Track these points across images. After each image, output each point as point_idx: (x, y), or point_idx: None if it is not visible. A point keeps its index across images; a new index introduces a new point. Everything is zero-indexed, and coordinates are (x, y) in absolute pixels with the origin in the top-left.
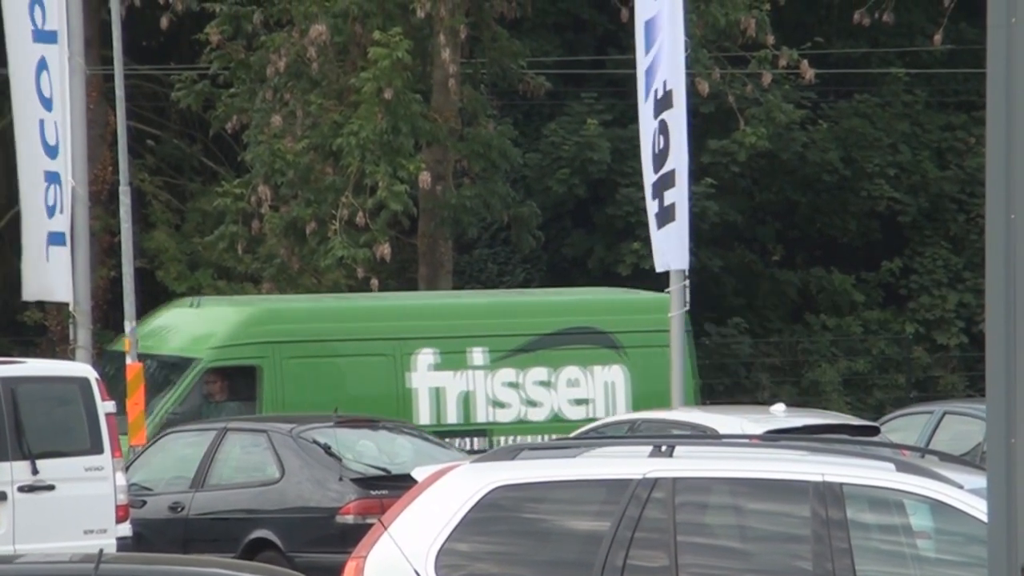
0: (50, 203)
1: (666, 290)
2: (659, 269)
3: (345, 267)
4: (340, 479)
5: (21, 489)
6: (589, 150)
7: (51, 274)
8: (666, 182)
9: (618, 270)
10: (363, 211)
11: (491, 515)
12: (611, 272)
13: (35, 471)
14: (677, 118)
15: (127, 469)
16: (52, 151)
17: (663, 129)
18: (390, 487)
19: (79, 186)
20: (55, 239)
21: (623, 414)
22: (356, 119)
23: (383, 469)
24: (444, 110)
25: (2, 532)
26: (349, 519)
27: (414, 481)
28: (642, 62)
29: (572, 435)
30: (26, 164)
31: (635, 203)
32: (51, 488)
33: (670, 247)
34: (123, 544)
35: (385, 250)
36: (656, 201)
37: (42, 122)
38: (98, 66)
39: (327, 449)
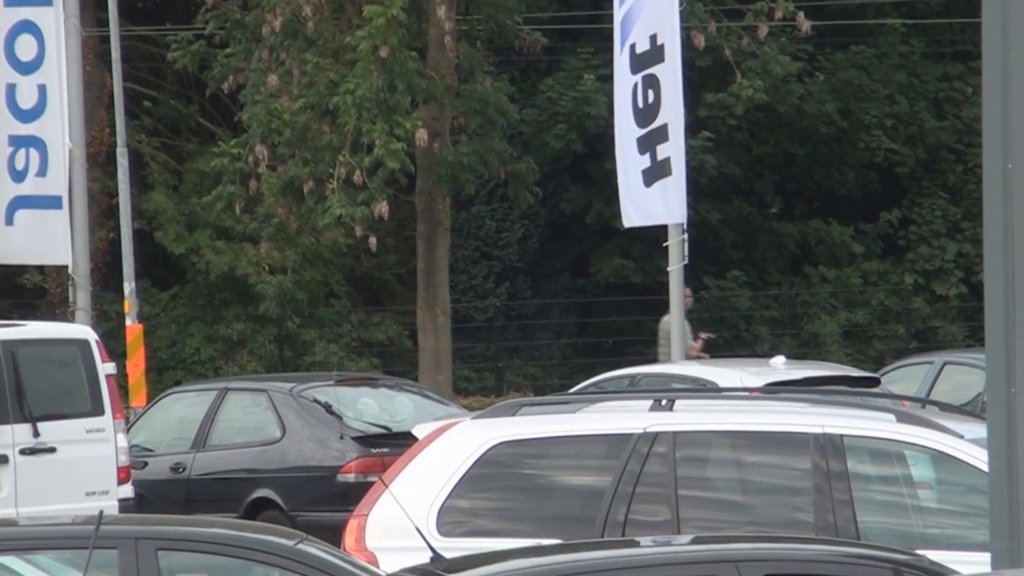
0: (19, 167)
1: (664, 244)
2: (627, 225)
3: (343, 225)
4: (341, 437)
5: (22, 452)
6: (586, 105)
7: (18, 237)
8: (658, 136)
9: (616, 224)
10: (360, 169)
11: (492, 471)
12: (609, 227)
13: (36, 433)
14: (670, 71)
15: (128, 431)
16: (27, 115)
17: (651, 83)
18: (391, 445)
19: (76, 148)
20: (30, 202)
21: (623, 369)
22: (352, 77)
23: (384, 427)
24: (440, 67)
25: (4, 495)
26: (350, 477)
27: (415, 438)
28: (616, 15)
29: (572, 390)
30: None
31: None
32: (52, 450)
33: (666, 201)
34: (125, 505)
35: (383, 208)
36: (647, 155)
37: (12, 86)
38: (94, 28)
39: (328, 408)
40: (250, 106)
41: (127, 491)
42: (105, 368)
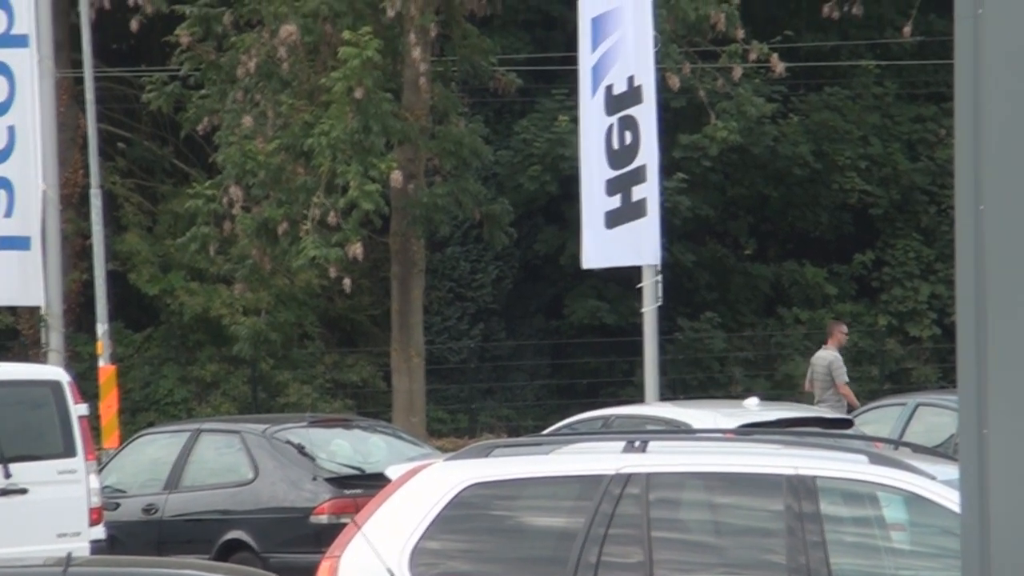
0: None
1: (639, 285)
2: (585, 266)
3: (317, 267)
4: (314, 479)
5: None
6: (560, 147)
7: None
8: (634, 178)
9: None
10: (335, 211)
11: (465, 513)
12: (583, 269)
13: (8, 474)
14: (647, 113)
15: (100, 471)
16: (1, 155)
17: (628, 125)
18: (364, 486)
19: (50, 189)
20: (2, 243)
21: (596, 411)
22: (327, 119)
23: (357, 468)
24: (415, 108)
25: None
26: (323, 519)
27: (388, 480)
28: (587, 59)
29: (545, 432)
30: None
31: None
32: (24, 491)
33: (640, 242)
34: (97, 547)
35: (357, 249)
36: (617, 197)
37: None
38: (68, 69)
39: (301, 449)
40: (224, 147)
41: (99, 532)
42: (78, 409)
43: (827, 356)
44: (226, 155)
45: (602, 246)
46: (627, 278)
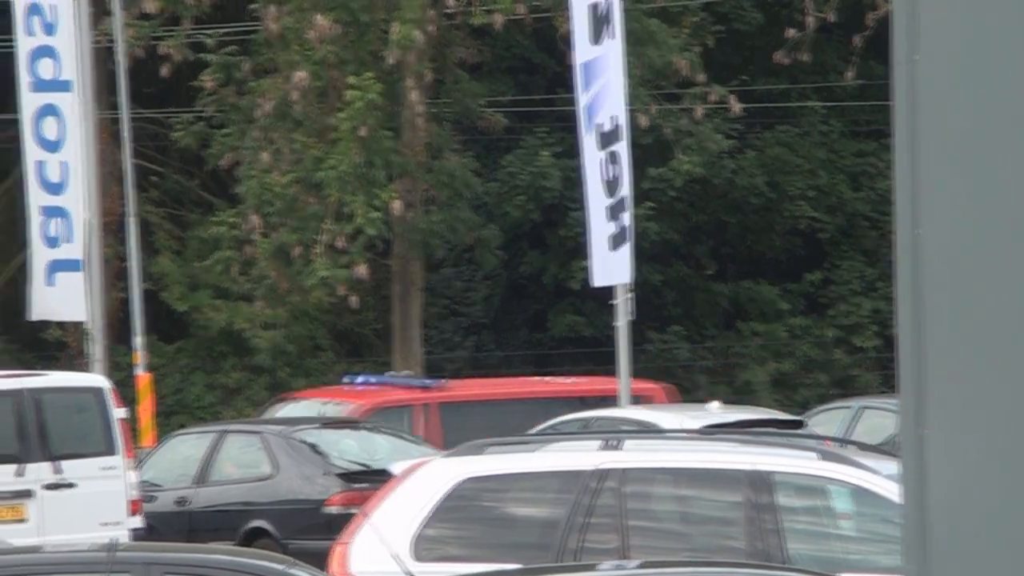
0: (51, 234)
1: (612, 302)
2: (598, 284)
3: (327, 286)
4: (326, 474)
5: (46, 487)
6: (542, 179)
7: (55, 297)
8: (621, 206)
9: (570, 285)
10: (342, 236)
11: (461, 504)
12: (563, 287)
13: (58, 470)
14: (625, 148)
15: (138, 468)
16: (55, 188)
17: (614, 159)
18: (371, 480)
19: (93, 218)
20: (61, 266)
21: (577, 413)
22: (335, 155)
23: (364, 465)
24: (413, 145)
25: (30, 525)
26: (334, 509)
27: (392, 475)
28: (582, 99)
29: (531, 432)
30: (30, 201)
31: (583, 225)
32: (72, 486)
33: (620, 264)
34: (135, 534)
35: (363, 270)
36: (613, 223)
37: (41, 163)
38: (107, 111)
39: (314, 448)
40: (245, 180)
41: (137, 522)
42: (118, 413)
43: None
44: (247, 187)
45: (605, 266)
46: (602, 295)
